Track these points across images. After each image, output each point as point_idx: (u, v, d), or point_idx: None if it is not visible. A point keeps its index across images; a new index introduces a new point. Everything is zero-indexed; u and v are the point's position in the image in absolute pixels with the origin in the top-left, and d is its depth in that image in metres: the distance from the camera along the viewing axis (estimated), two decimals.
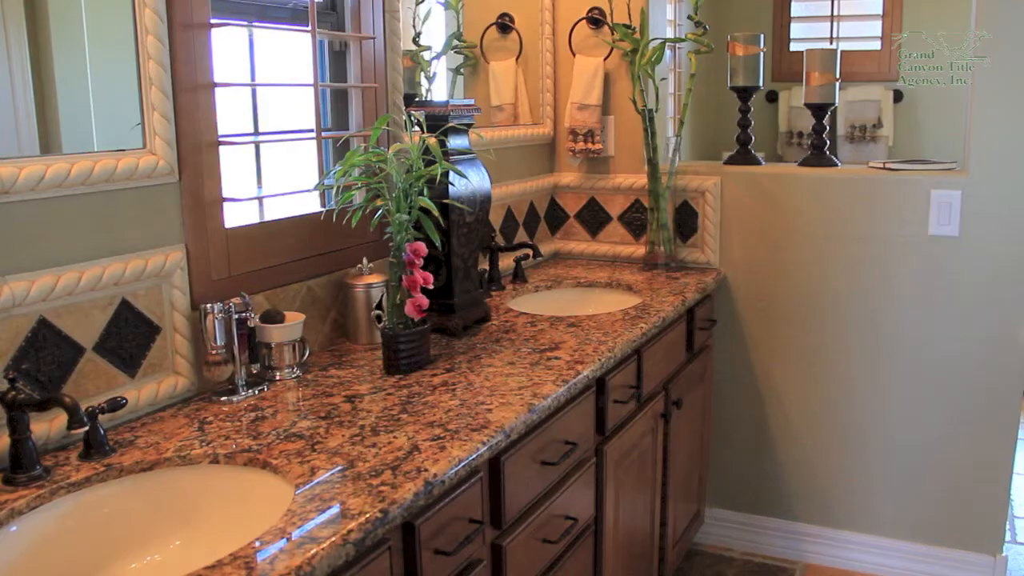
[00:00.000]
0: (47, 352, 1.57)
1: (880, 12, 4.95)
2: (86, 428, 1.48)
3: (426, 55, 2.75)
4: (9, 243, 1.50)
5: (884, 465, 3.06)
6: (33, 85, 1.64)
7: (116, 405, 1.58)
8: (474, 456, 1.55)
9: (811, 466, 3.18)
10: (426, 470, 1.45)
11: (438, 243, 2.05)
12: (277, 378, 1.94)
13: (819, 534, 3.20)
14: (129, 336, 1.72)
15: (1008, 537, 3.42)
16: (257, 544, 1.23)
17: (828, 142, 3.16)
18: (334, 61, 2.35)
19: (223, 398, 1.82)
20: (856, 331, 3.03)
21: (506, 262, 2.90)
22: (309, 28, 2.09)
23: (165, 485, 1.52)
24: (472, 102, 2.36)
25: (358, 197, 2.14)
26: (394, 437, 1.59)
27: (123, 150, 1.69)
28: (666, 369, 2.64)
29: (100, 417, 1.55)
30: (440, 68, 2.85)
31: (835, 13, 5.08)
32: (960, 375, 2.91)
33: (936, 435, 2.97)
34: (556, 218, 3.36)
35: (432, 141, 2.05)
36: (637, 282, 2.92)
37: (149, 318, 1.76)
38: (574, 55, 3.21)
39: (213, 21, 1.86)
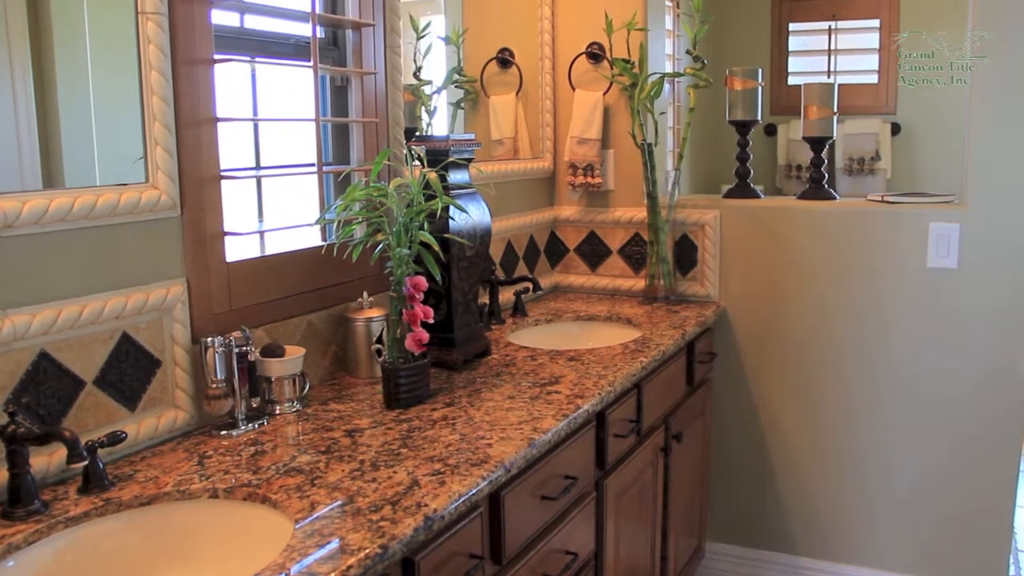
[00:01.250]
0: (47, 386, 1.57)
1: (877, 46, 5.00)
2: (86, 462, 1.48)
3: (427, 89, 2.77)
4: (11, 277, 1.51)
5: (885, 498, 3.04)
6: (37, 119, 1.65)
7: (116, 439, 1.58)
8: (474, 491, 1.54)
9: (812, 499, 3.16)
10: (426, 505, 1.45)
11: (438, 277, 2.05)
12: (277, 412, 1.94)
13: (821, 568, 3.18)
14: (129, 370, 1.72)
15: (1012, 571, 3.39)
16: None
17: (827, 175, 3.18)
18: (335, 96, 2.37)
19: (223, 432, 1.81)
20: (856, 363, 3.02)
21: (506, 296, 2.91)
22: (311, 63, 2.11)
23: (164, 520, 1.52)
24: (472, 137, 2.38)
25: (359, 231, 2.14)
26: (394, 472, 1.59)
27: (126, 184, 1.70)
28: (666, 403, 2.64)
29: (99, 451, 1.54)
30: (441, 102, 2.87)
31: (832, 47, 5.12)
32: (961, 407, 2.90)
33: (937, 467, 2.96)
34: (556, 252, 3.37)
35: (433, 176, 2.06)
36: (637, 315, 2.93)
37: (150, 351, 1.76)
38: (574, 89, 3.23)
39: (216, 57, 1.88)
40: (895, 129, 4.96)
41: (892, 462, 3.02)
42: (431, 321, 1.99)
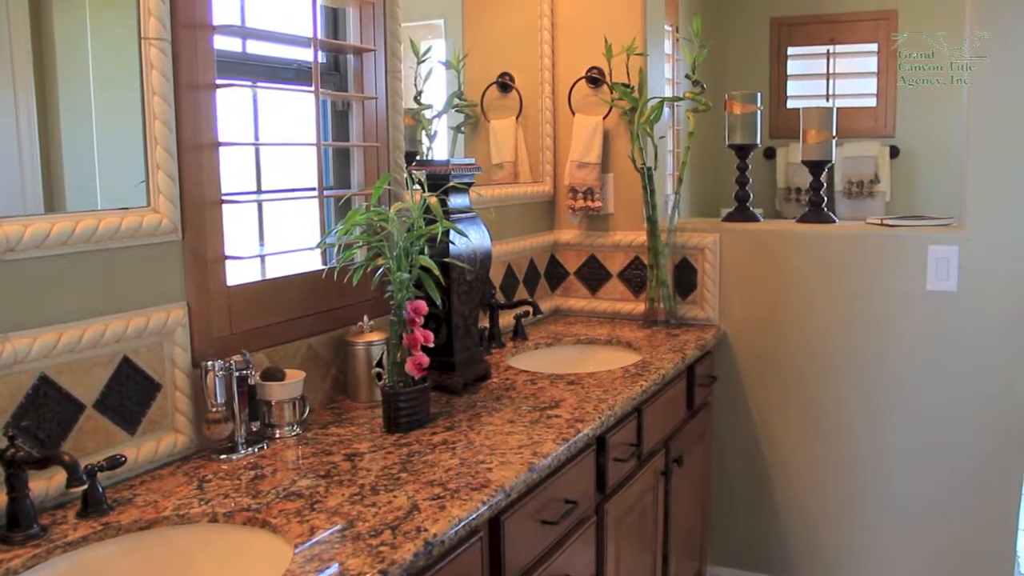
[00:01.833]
0: (47, 409, 1.57)
1: (875, 70, 5.03)
2: (85, 486, 1.48)
3: (427, 114, 2.78)
4: (13, 300, 1.51)
5: (887, 522, 3.03)
6: (39, 143, 1.66)
7: (115, 463, 1.58)
8: (474, 516, 1.54)
9: (813, 523, 3.15)
10: (426, 530, 1.44)
11: (439, 301, 2.06)
12: (277, 436, 1.94)
13: None
14: (130, 393, 1.72)
15: None
16: None
17: (826, 198, 3.19)
18: (336, 120, 2.38)
19: (223, 456, 1.81)
20: (857, 387, 3.02)
21: (506, 319, 2.91)
22: (312, 88, 2.12)
23: (163, 544, 1.51)
24: (473, 161, 2.39)
25: (359, 255, 2.15)
26: (394, 496, 1.59)
27: (127, 208, 1.71)
28: (666, 426, 2.64)
29: (99, 475, 1.54)
30: (441, 126, 2.89)
31: (831, 71, 5.15)
32: (962, 430, 2.90)
33: (939, 491, 2.95)
34: (556, 275, 3.38)
35: (433, 200, 2.07)
36: (637, 339, 2.93)
37: (150, 375, 1.76)
38: (573, 114, 3.25)
39: (218, 82, 1.89)
40: (894, 152, 4.99)
41: (893, 486, 3.01)
42: (431, 345, 1.99)
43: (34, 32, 1.65)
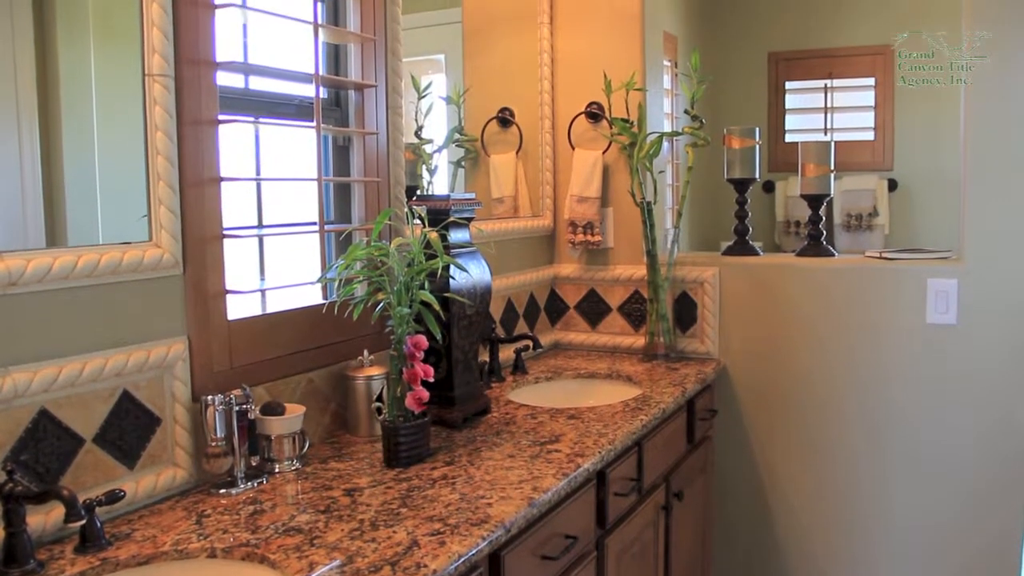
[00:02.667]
0: (47, 443, 1.57)
1: (873, 104, 5.06)
2: (83, 521, 1.47)
3: (428, 148, 2.80)
4: (14, 334, 1.51)
5: (889, 555, 3.01)
6: (42, 176, 1.67)
7: (114, 498, 1.58)
8: (474, 551, 1.53)
9: (815, 558, 3.13)
10: (425, 566, 1.44)
11: (439, 336, 2.06)
12: (276, 470, 1.93)
13: None
14: (129, 427, 1.72)
15: None
16: None
17: (824, 232, 3.20)
18: (337, 155, 2.40)
19: (222, 491, 1.81)
20: (857, 420, 3.02)
21: (506, 353, 2.91)
22: (314, 124, 2.14)
23: None
24: (473, 196, 2.40)
25: (360, 290, 2.16)
26: (393, 532, 1.58)
27: (129, 243, 1.71)
28: (667, 461, 2.63)
29: (97, 510, 1.54)
30: (441, 161, 2.90)
31: (828, 105, 5.18)
32: (962, 463, 2.89)
33: (942, 525, 2.94)
34: (556, 309, 3.38)
35: (433, 235, 2.08)
36: (637, 373, 2.93)
37: (150, 409, 1.76)
38: (573, 148, 3.27)
39: (221, 117, 1.91)
40: (892, 185, 5.01)
41: (896, 519, 2.99)
42: (431, 380, 1.99)
43: (39, 66, 1.66)
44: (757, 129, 3.28)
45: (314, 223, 2.17)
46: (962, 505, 2.90)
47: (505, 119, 3.24)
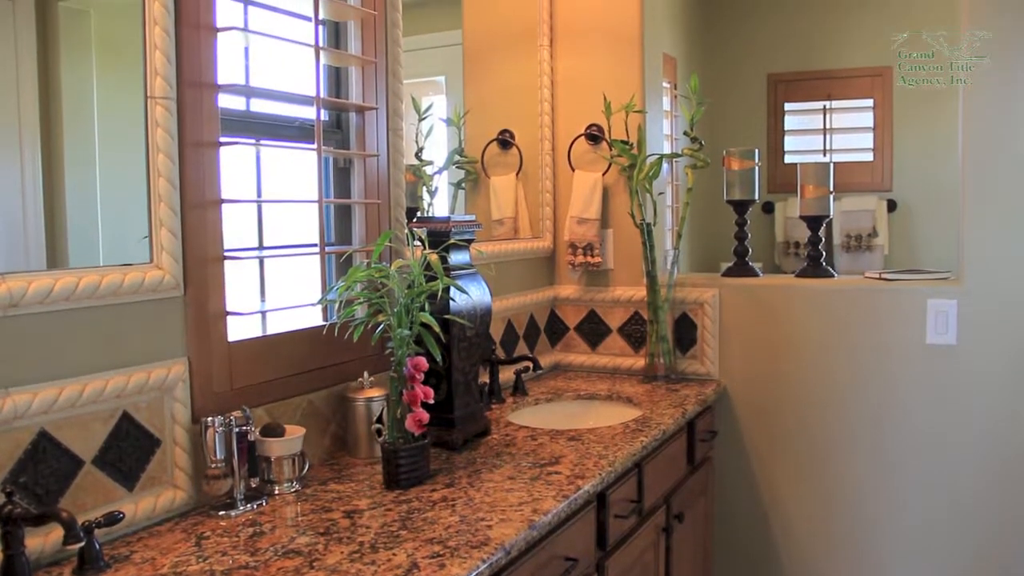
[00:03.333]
0: (46, 465, 1.56)
1: (871, 125, 5.09)
2: (82, 543, 1.47)
3: (428, 170, 2.81)
4: (14, 356, 1.52)
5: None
6: (44, 198, 1.68)
7: (113, 520, 1.57)
8: (474, 574, 1.53)
9: None
10: None
11: (439, 357, 2.06)
12: (276, 492, 1.93)
13: None
14: (129, 449, 1.71)
15: None
16: None
17: (824, 253, 3.20)
18: (338, 177, 2.41)
19: (221, 512, 1.80)
20: (857, 441, 3.01)
21: (506, 375, 2.91)
22: (315, 146, 2.15)
23: None
24: (473, 218, 2.40)
25: (360, 311, 2.16)
26: (393, 554, 1.58)
27: (130, 264, 1.72)
28: (667, 482, 2.62)
29: (96, 531, 1.53)
30: (442, 183, 2.91)
31: (827, 126, 5.21)
32: (964, 483, 2.88)
33: (947, 547, 2.92)
34: (556, 330, 3.38)
35: (434, 257, 2.08)
36: (637, 394, 2.92)
37: (150, 431, 1.76)
38: (573, 170, 3.28)
39: (222, 139, 1.92)
40: (891, 206, 5.02)
41: (899, 540, 2.98)
42: (431, 401, 1.99)
43: (41, 89, 1.67)
44: (756, 150, 3.29)
45: (315, 245, 2.17)
46: (969, 529, 2.89)
47: (505, 141, 3.25)
